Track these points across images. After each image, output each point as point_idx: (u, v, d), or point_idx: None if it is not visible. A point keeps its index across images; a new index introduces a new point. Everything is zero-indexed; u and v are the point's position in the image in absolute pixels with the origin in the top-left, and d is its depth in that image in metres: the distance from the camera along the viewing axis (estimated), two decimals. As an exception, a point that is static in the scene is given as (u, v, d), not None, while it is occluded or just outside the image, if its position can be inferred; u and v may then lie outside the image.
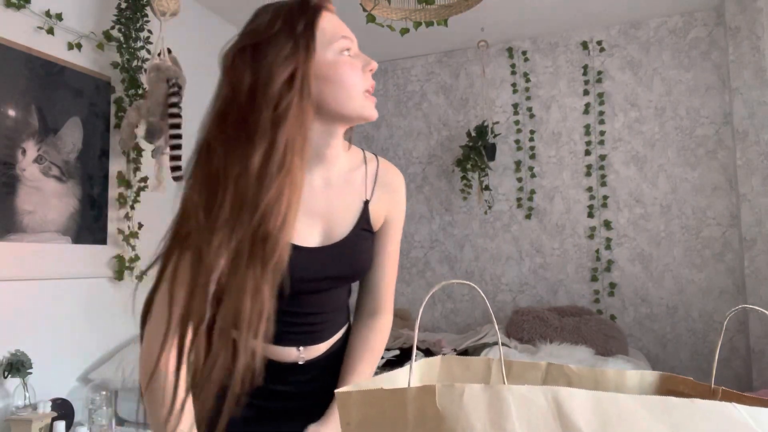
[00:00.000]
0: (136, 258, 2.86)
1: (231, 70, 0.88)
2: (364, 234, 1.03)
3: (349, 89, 0.93)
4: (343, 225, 1.01)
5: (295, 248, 0.92)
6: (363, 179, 1.04)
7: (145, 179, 2.89)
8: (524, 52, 4.17)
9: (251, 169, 0.82)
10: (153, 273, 0.88)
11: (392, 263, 1.11)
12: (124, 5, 2.77)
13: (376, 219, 1.05)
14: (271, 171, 0.82)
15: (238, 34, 0.93)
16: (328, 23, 0.95)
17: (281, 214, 0.82)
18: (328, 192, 1.00)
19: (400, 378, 0.70)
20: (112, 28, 2.78)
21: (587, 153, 3.97)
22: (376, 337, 1.11)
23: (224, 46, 0.92)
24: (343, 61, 0.93)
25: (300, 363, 1.04)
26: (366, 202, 1.03)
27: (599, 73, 3.99)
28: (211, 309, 0.83)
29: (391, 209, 1.07)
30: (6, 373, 2.24)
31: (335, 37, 0.94)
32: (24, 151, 2.44)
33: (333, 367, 1.09)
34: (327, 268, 0.99)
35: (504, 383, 0.56)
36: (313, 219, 0.98)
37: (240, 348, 0.81)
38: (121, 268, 2.80)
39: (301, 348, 1.04)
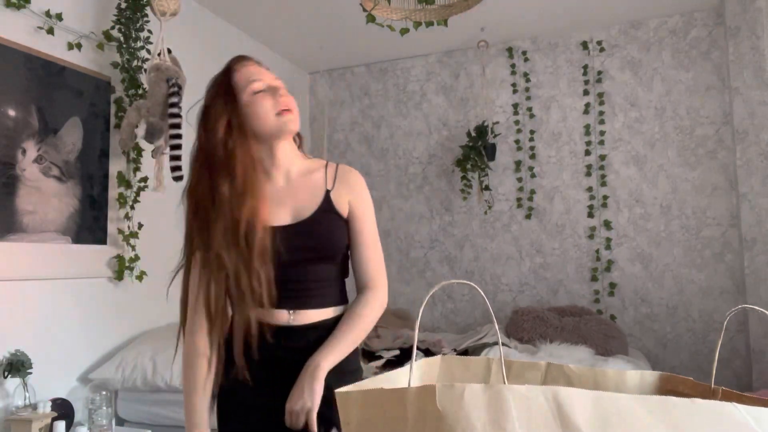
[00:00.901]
0: (136, 258, 2.86)
1: (197, 127, 1.32)
2: (330, 216, 1.32)
3: (263, 118, 1.28)
4: (309, 208, 1.31)
5: (273, 228, 1.25)
6: (323, 177, 1.35)
7: (145, 179, 2.89)
8: (524, 52, 4.17)
9: (224, 196, 1.22)
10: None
11: (372, 242, 1.36)
12: (124, 5, 2.77)
13: (340, 205, 1.33)
14: (238, 193, 1.22)
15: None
16: (241, 75, 1.31)
17: (255, 214, 1.22)
18: (290, 186, 1.33)
19: (400, 378, 0.70)
20: (112, 28, 2.77)
21: (587, 153, 3.97)
22: (364, 306, 1.32)
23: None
24: (254, 99, 1.28)
25: (292, 325, 1.27)
26: (328, 191, 1.33)
27: (599, 73, 3.99)
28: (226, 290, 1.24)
29: (353, 198, 1.35)
30: (6, 373, 2.24)
31: (246, 83, 1.30)
32: (24, 151, 2.44)
33: (324, 338, 1.28)
34: (299, 239, 1.27)
35: (504, 383, 0.56)
36: (282, 206, 1.30)
37: (241, 313, 1.21)
38: (121, 268, 2.80)
39: (291, 312, 1.28)
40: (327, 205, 1.31)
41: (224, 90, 1.31)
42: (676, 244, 3.74)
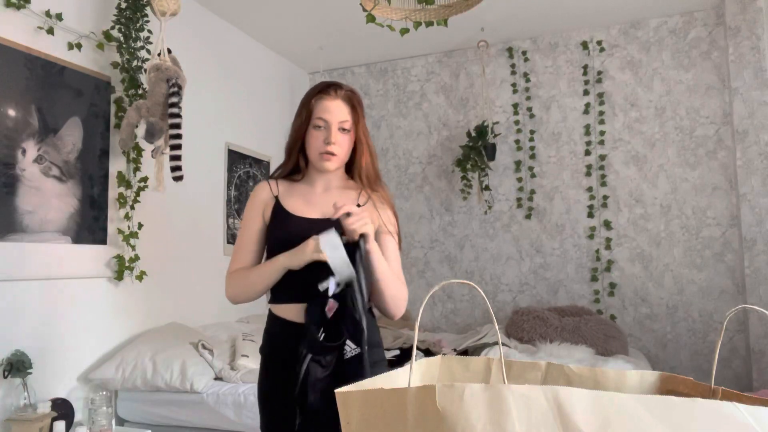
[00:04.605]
0: (136, 258, 2.86)
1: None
2: None
3: (311, 150, 1.52)
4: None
5: (301, 218, 1.51)
6: (357, 196, 1.57)
7: (145, 179, 2.89)
8: (524, 52, 4.17)
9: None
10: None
11: (393, 254, 1.54)
12: (124, 5, 2.77)
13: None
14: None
15: None
16: (318, 106, 1.50)
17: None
18: (326, 194, 1.56)
19: (400, 378, 0.70)
20: (112, 28, 2.77)
21: (587, 153, 3.97)
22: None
23: None
24: (312, 133, 1.51)
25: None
26: (358, 205, 1.51)
27: (599, 73, 3.99)
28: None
29: (381, 220, 1.54)
30: (6, 373, 2.24)
31: (315, 116, 1.50)
32: (24, 151, 2.44)
33: None
34: (318, 229, 1.42)
35: (504, 383, 0.56)
36: (313, 206, 1.54)
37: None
38: (121, 268, 2.80)
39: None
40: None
41: (302, 109, 1.53)
42: (676, 244, 3.74)
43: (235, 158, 3.83)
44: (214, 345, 2.84)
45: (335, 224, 1.38)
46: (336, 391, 0.61)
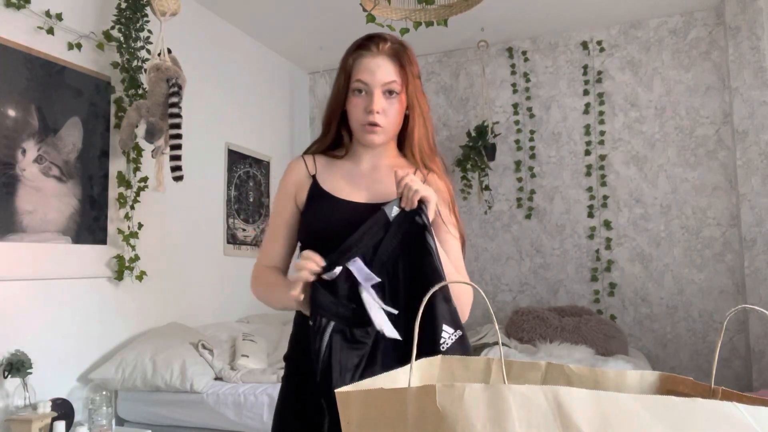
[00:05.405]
0: (136, 258, 2.86)
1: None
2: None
3: (352, 121, 1.24)
4: (387, 196, 1.21)
5: (345, 201, 1.22)
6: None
7: (145, 179, 2.89)
8: (524, 52, 4.17)
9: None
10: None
11: (454, 252, 1.23)
12: (124, 5, 2.77)
13: None
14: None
15: None
16: (357, 66, 1.22)
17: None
18: (374, 174, 1.27)
19: (400, 378, 0.70)
20: (112, 28, 2.77)
21: (587, 153, 3.97)
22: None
23: None
24: (352, 100, 1.22)
25: None
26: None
27: (599, 73, 3.99)
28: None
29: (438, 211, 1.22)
30: (6, 373, 2.24)
31: (353, 79, 1.21)
32: (24, 151, 2.44)
33: None
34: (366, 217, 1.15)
35: (504, 383, 0.56)
36: (358, 187, 1.25)
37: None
38: (121, 268, 2.80)
39: None
40: None
41: (340, 71, 1.24)
42: (676, 244, 3.74)
43: (235, 158, 3.83)
44: (214, 345, 2.84)
45: (384, 213, 1.11)
46: (336, 391, 0.61)
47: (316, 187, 1.24)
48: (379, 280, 1.07)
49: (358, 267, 1.06)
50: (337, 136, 1.30)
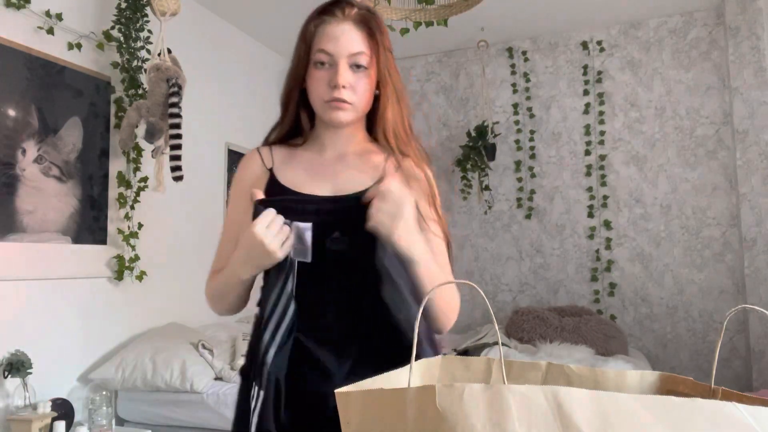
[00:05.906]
0: (136, 258, 2.86)
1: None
2: None
3: (314, 99, 1.07)
4: (353, 189, 1.06)
5: (305, 196, 1.07)
6: (383, 165, 1.10)
7: (145, 179, 2.89)
8: (524, 52, 4.17)
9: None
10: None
11: (432, 240, 1.10)
12: (124, 5, 2.77)
13: None
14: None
15: None
16: (319, 33, 1.06)
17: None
18: (339, 163, 1.11)
19: (400, 378, 0.70)
20: (112, 28, 2.77)
21: (587, 153, 3.97)
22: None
23: None
24: (313, 74, 1.06)
25: None
26: (381, 178, 1.05)
27: (599, 73, 3.99)
28: None
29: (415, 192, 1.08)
30: (6, 373, 2.24)
31: (315, 48, 1.05)
32: (24, 151, 2.44)
33: None
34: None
35: (504, 383, 0.56)
36: (322, 180, 1.10)
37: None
38: (121, 268, 2.80)
39: None
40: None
41: (299, 42, 1.08)
42: (676, 244, 3.74)
43: (235, 158, 3.83)
44: (214, 345, 2.84)
45: (355, 203, 1.00)
46: (336, 391, 0.61)
47: (273, 182, 1.09)
48: (310, 260, 0.99)
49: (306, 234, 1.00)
50: (297, 119, 1.14)
